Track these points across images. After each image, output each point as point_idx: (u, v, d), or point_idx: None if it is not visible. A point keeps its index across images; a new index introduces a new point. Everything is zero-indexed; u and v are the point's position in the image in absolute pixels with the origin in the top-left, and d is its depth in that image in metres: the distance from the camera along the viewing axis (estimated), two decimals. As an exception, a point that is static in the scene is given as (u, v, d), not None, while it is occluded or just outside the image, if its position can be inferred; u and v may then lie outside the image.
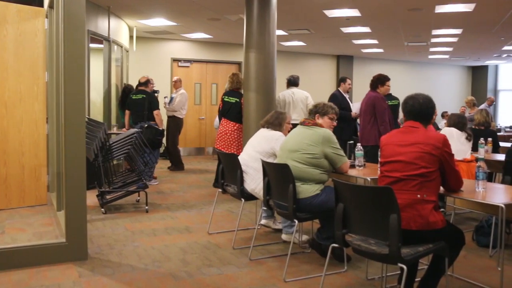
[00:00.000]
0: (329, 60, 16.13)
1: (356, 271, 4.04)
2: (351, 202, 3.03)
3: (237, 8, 8.48)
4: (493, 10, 9.01)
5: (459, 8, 8.82)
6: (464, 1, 8.40)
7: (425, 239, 2.94)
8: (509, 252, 4.60)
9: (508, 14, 9.32)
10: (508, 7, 8.78)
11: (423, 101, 3.19)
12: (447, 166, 3.04)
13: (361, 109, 6.67)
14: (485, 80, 19.51)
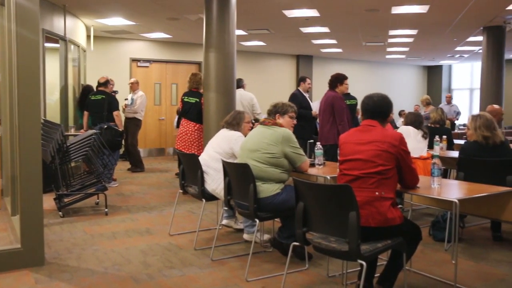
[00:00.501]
0: (289, 59, 16.24)
1: (317, 268, 4.08)
2: (311, 200, 3.06)
3: (196, 7, 8.44)
4: (446, 12, 9.27)
5: (414, 9, 9.04)
6: (419, 3, 8.62)
7: (384, 235, 3.00)
8: (463, 246, 4.74)
9: (459, 16, 9.61)
10: (459, 10, 9.05)
11: (378, 100, 3.26)
12: (404, 163, 3.10)
13: (320, 108, 6.75)
14: (439, 79, 20.08)
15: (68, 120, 9.12)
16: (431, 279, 3.87)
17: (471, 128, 4.63)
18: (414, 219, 5.63)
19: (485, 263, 4.28)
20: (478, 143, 4.57)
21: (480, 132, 4.54)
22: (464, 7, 8.81)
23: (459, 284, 3.58)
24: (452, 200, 3.01)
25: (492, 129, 4.54)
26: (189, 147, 7.16)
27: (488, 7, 9.00)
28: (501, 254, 4.49)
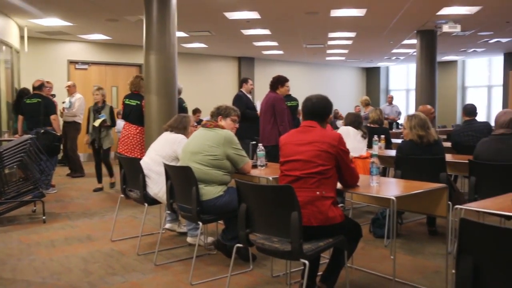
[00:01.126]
0: (231, 61, 16.27)
1: (262, 269, 4.11)
2: (253, 202, 3.08)
3: (136, 9, 8.30)
4: (382, 15, 9.58)
5: (352, 12, 9.28)
6: (356, 6, 8.86)
7: (326, 234, 3.05)
8: (402, 241, 4.91)
9: (395, 20, 9.95)
10: (395, 14, 9.38)
11: (317, 101, 3.30)
12: (343, 163, 3.16)
13: (261, 109, 6.80)
14: (377, 80, 20.71)
15: (1, 125, 8.73)
16: (372, 275, 3.99)
17: (407, 127, 4.80)
18: (355, 217, 5.77)
19: (421, 256, 4.45)
20: (413, 142, 4.74)
21: (415, 131, 4.71)
22: (399, 11, 9.14)
23: (398, 278, 3.70)
24: (390, 197, 3.10)
25: (426, 128, 4.72)
26: (131, 150, 7.03)
27: (421, 12, 9.37)
28: (436, 247, 4.68)
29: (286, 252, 2.90)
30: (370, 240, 4.94)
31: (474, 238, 2.05)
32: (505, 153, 4.13)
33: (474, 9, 9.06)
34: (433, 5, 8.80)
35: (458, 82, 18.30)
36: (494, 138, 4.29)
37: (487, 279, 2.04)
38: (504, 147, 4.16)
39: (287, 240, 2.88)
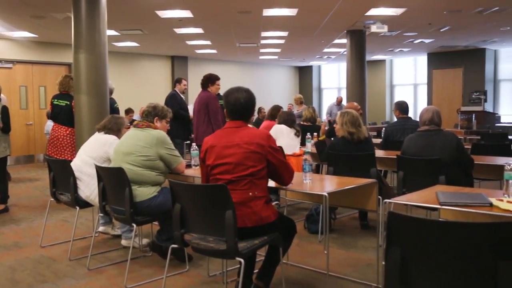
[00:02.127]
0: (164, 61, 16.06)
1: (198, 269, 4.09)
2: (187, 201, 3.06)
3: (63, 6, 8.01)
4: (313, 15, 9.77)
5: (284, 12, 9.41)
6: (288, 6, 8.98)
7: (261, 233, 3.07)
8: (335, 236, 5.04)
9: (325, 20, 10.19)
10: (325, 14, 9.60)
11: (244, 101, 3.17)
12: (276, 160, 3.13)
13: (195, 108, 6.76)
14: (310, 79, 21.14)
15: None
16: (306, 270, 4.07)
17: (339, 124, 4.93)
18: (290, 214, 5.87)
19: (354, 250, 4.59)
20: (345, 138, 4.87)
21: (346, 128, 4.85)
22: (329, 11, 9.36)
23: (331, 272, 3.80)
24: (322, 194, 3.18)
25: (357, 126, 4.87)
26: (61, 152, 6.78)
27: (350, 13, 9.65)
28: (368, 241, 4.84)
29: (221, 251, 2.90)
30: (305, 236, 5.04)
31: (402, 230, 2.14)
32: (429, 148, 4.33)
33: (399, 11, 9.44)
34: (361, 6, 9.08)
35: (386, 80, 19.01)
36: (419, 134, 4.49)
37: (414, 269, 2.14)
38: (428, 143, 4.37)
39: (222, 239, 2.88)
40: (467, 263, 2.03)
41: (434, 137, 4.36)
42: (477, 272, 2.02)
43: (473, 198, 2.83)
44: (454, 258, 2.05)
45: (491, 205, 2.70)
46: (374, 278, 3.72)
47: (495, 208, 2.67)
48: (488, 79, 15.86)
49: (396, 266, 2.13)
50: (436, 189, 3.22)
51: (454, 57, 16.10)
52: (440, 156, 4.19)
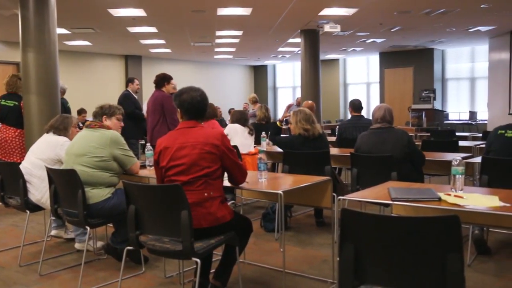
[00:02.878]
0: (117, 60, 15.80)
1: (154, 270, 4.05)
2: (142, 202, 3.02)
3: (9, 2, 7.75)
4: (267, 14, 9.83)
5: (238, 11, 9.43)
6: (242, 5, 9.01)
7: (217, 233, 3.06)
8: (291, 234, 5.09)
9: (279, 19, 10.27)
10: (279, 13, 9.67)
11: (198, 100, 3.17)
12: (229, 161, 3.13)
13: (149, 108, 6.68)
14: (265, 78, 21.25)
15: None
16: (263, 268, 4.09)
17: (293, 122, 4.99)
18: (246, 212, 5.88)
19: (310, 247, 4.65)
20: (300, 136, 4.93)
21: (301, 125, 4.92)
22: (283, 11, 9.44)
23: (288, 270, 3.84)
24: (277, 192, 3.20)
25: (311, 123, 4.94)
26: (10, 155, 6.55)
27: (304, 12, 9.76)
28: (323, 238, 4.91)
29: (177, 251, 2.88)
30: (261, 235, 5.07)
31: (354, 226, 2.19)
32: (381, 145, 4.44)
33: (351, 11, 9.63)
34: (314, 6, 9.20)
35: (340, 79, 19.34)
36: (372, 132, 4.60)
37: (367, 263, 2.19)
38: (380, 140, 4.48)
39: (178, 240, 2.86)
40: (417, 256, 2.10)
41: (386, 134, 4.47)
42: (427, 264, 2.09)
43: (423, 193, 2.91)
44: (405, 251, 2.11)
45: (439, 200, 2.79)
46: (330, 274, 3.78)
47: (444, 202, 2.76)
48: (436, 78, 16.38)
49: (350, 261, 2.18)
50: (388, 185, 3.30)
51: (405, 56, 16.55)
52: (392, 153, 4.30)
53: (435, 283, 2.06)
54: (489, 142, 4.34)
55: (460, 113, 16.22)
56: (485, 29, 12.31)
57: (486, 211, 2.63)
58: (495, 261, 4.12)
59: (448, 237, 2.03)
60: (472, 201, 2.73)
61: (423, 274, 2.10)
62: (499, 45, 13.76)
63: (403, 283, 2.16)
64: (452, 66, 16.76)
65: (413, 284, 2.14)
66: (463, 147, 6.39)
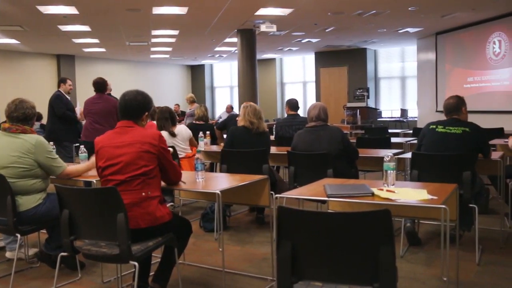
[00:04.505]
0: (49, 59, 15.25)
1: (91, 276, 3.94)
2: (76, 206, 2.93)
3: None
4: (203, 14, 9.80)
5: (174, 10, 9.34)
6: (178, 4, 8.93)
7: (155, 234, 3.03)
8: (230, 233, 5.11)
9: (216, 19, 10.26)
10: (215, 13, 9.67)
11: (129, 99, 3.15)
12: (165, 161, 3.13)
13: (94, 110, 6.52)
14: (203, 78, 21.17)
15: None
16: (203, 268, 4.08)
17: (241, 115, 5.07)
18: (185, 213, 5.84)
19: (250, 246, 4.68)
20: (245, 127, 4.98)
21: (248, 118, 4.99)
22: (219, 10, 9.44)
23: (228, 269, 3.85)
24: (215, 191, 3.20)
25: (258, 117, 5.02)
26: None
27: (240, 12, 9.80)
28: (262, 236, 4.96)
29: (114, 255, 2.83)
30: (201, 235, 5.05)
31: (291, 224, 2.23)
32: (316, 143, 4.54)
33: (287, 11, 9.77)
34: (250, 5, 9.26)
35: (277, 78, 19.57)
36: (307, 130, 4.69)
37: (304, 260, 2.23)
38: (315, 138, 4.57)
39: (115, 244, 2.81)
40: (352, 250, 2.16)
41: (321, 132, 4.58)
42: (361, 257, 2.16)
43: (357, 189, 3.00)
44: (340, 246, 2.17)
45: (372, 195, 2.89)
46: (270, 272, 3.82)
47: (376, 197, 2.86)
48: (369, 77, 16.92)
49: (287, 258, 2.21)
50: (324, 182, 3.38)
51: (339, 56, 16.97)
52: (327, 150, 4.41)
53: (369, 275, 2.13)
54: (421, 136, 4.53)
55: (392, 111, 16.82)
56: (413, 30, 12.85)
57: (416, 204, 2.76)
58: (425, 251, 4.31)
59: (380, 230, 2.11)
60: (402, 195, 2.85)
61: (358, 267, 2.17)
62: (426, 46, 14.41)
63: (339, 277, 2.22)
64: (384, 66, 17.36)
65: (349, 277, 2.20)
66: (395, 143, 6.64)
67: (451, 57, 13.24)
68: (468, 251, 4.16)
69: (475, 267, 3.88)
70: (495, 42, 11.52)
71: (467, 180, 3.95)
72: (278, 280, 2.27)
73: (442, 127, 4.29)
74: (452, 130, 4.21)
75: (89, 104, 6.64)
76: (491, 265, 3.93)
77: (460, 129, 4.19)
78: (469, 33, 12.38)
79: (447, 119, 4.34)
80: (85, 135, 6.50)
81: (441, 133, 4.26)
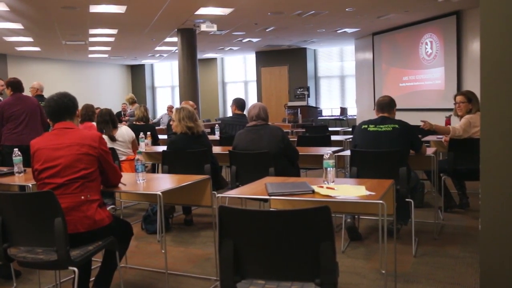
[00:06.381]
0: (-22, 59, 14.54)
1: (27, 285, 3.79)
2: (10, 212, 2.81)
3: None
4: (142, 13, 9.65)
5: (112, 9, 9.14)
6: (116, 3, 8.75)
7: (95, 238, 2.96)
8: (174, 234, 5.06)
9: (155, 18, 10.12)
10: (155, 12, 9.54)
11: (59, 99, 3.08)
12: (105, 163, 3.07)
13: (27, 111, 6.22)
14: (143, 78, 20.83)
15: None
16: (146, 271, 4.02)
17: (176, 119, 4.93)
18: (127, 216, 5.74)
19: (193, 247, 4.65)
20: (183, 134, 4.90)
21: (184, 123, 4.87)
22: (159, 10, 9.32)
23: (171, 270, 3.82)
24: (156, 193, 3.16)
25: (194, 120, 4.93)
26: None
27: (180, 11, 9.72)
28: (205, 236, 4.94)
29: (52, 262, 2.73)
30: (143, 237, 4.97)
31: (232, 223, 2.23)
32: (257, 142, 4.57)
33: (227, 11, 9.77)
34: (190, 5, 9.20)
35: (218, 78, 19.54)
36: (248, 129, 4.71)
37: (246, 258, 2.25)
38: (256, 137, 4.60)
39: (53, 249, 2.71)
40: (293, 247, 2.20)
41: (262, 131, 4.61)
42: (302, 254, 2.19)
43: (297, 187, 3.05)
44: (281, 244, 2.20)
45: (313, 192, 2.94)
46: (214, 272, 3.81)
47: (317, 194, 2.91)
48: (310, 76, 17.21)
49: (229, 257, 2.22)
50: (265, 181, 3.41)
51: (280, 55, 17.16)
52: (268, 149, 4.45)
53: (311, 271, 2.17)
54: (354, 136, 4.66)
55: (332, 109, 17.18)
56: (351, 31, 13.19)
57: (354, 200, 2.83)
58: (365, 245, 4.44)
59: (321, 227, 2.15)
60: (342, 192, 2.92)
61: (300, 264, 2.21)
62: (363, 46, 14.83)
63: (281, 275, 2.24)
64: (324, 65, 17.71)
65: (291, 274, 2.23)
66: (335, 141, 6.78)
67: (387, 56, 13.70)
68: (405, 244, 4.32)
69: (412, 259, 4.03)
70: (427, 43, 12.02)
71: (403, 175, 4.10)
72: (221, 280, 2.27)
73: (373, 126, 4.45)
74: (383, 128, 4.38)
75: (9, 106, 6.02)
76: (426, 256, 4.10)
77: (390, 126, 4.37)
78: (403, 34, 12.85)
79: (377, 118, 4.50)
80: (9, 138, 5.98)
81: (373, 131, 4.41)
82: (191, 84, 12.03)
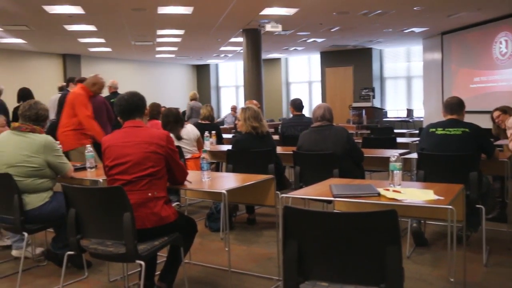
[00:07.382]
0: (55, 59, 15.29)
1: (98, 275, 3.95)
2: (83, 205, 2.94)
3: None
4: (209, 14, 9.80)
5: (180, 10, 9.34)
6: (183, 4, 8.93)
7: (161, 234, 3.04)
8: (236, 233, 5.11)
9: (221, 19, 10.26)
10: (221, 13, 9.67)
11: (129, 98, 3.18)
12: (172, 162, 3.13)
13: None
14: (208, 77, 21.16)
15: None
16: (209, 268, 4.08)
17: (241, 119, 4.97)
18: (191, 213, 5.85)
19: (256, 245, 4.68)
20: (248, 133, 4.93)
21: (249, 123, 4.90)
22: (224, 10, 9.43)
23: (234, 269, 3.85)
24: (221, 191, 3.20)
25: (259, 120, 4.95)
26: None
27: (245, 12, 9.80)
28: (268, 236, 4.96)
29: (121, 255, 2.83)
30: (207, 235, 5.05)
31: (297, 223, 2.23)
32: (321, 143, 4.53)
33: (292, 11, 9.75)
34: (256, 5, 9.25)
35: (282, 78, 19.54)
36: (313, 130, 4.68)
37: (310, 259, 2.23)
38: (320, 138, 4.56)
39: (121, 243, 2.81)
40: (358, 250, 2.16)
41: (326, 132, 4.57)
42: (367, 258, 2.15)
43: (363, 189, 3.00)
44: (346, 246, 2.17)
45: (379, 195, 2.88)
46: (276, 272, 3.81)
47: (383, 197, 2.85)
48: (375, 76, 16.87)
49: (293, 258, 2.21)
50: (330, 182, 3.37)
51: (345, 55, 16.93)
52: (333, 150, 4.40)
53: (376, 275, 2.12)
54: (421, 140, 4.51)
55: (398, 111, 16.76)
56: (418, 30, 12.81)
57: (422, 205, 2.75)
58: (432, 252, 4.30)
59: (386, 230, 2.10)
60: (409, 195, 2.84)
61: (364, 268, 2.17)
62: (432, 45, 14.35)
63: (346, 277, 2.22)
64: (390, 65, 17.31)
65: (355, 278, 2.20)
66: (401, 143, 6.62)
67: (457, 57, 13.19)
68: (475, 252, 4.14)
69: (482, 268, 3.87)
70: (502, 42, 11.47)
71: (474, 180, 3.93)
72: (284, 280, 2.27)
73: (441, 129, 4.24)
74: (452, 132, 4.17)
75: None
76: (499, 266, 3.91)
77: (460, 130, 4.15)
78: (475, 33, 12.33)
79: (445, 121, 4.29)
80: None
81: (441, 135, 4.21)
82: (255, 84, 12.09)
